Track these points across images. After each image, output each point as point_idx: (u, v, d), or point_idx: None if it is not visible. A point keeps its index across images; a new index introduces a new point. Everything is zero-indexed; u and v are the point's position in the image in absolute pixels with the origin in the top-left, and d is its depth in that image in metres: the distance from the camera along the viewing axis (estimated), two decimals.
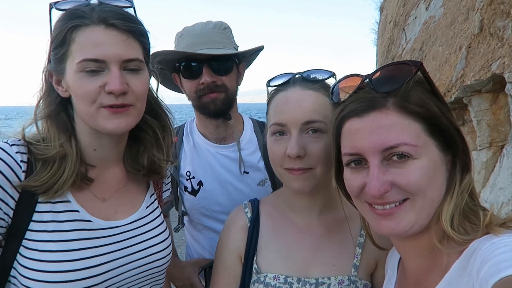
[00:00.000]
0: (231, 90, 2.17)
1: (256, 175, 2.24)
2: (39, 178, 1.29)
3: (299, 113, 1.41)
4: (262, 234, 1.60)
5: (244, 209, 1.68)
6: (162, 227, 1.60)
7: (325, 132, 1.42)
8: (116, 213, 1.48)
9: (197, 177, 2.23)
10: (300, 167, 1.42)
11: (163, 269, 1.57)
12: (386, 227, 1.07)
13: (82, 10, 1.29)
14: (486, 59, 3.19)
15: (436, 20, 5.02)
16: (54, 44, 1.31)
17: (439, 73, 4.26)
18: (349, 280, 1.48)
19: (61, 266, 1.27)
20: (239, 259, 1.60)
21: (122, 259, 1.41)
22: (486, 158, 3.42)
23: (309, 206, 1.59)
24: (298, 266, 1.51)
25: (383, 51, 9.64)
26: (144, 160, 1.56)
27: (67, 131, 1.38)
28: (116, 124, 1.34)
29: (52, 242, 1.28)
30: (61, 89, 1.37)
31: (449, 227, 1.00)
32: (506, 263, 0.81)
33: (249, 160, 2.24)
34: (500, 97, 3.29)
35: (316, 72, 1.52)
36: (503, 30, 3.02)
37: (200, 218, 2.27)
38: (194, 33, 2.14)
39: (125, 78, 1.32)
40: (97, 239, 1.37)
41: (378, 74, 1.09)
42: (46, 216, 1.31)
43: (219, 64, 2.09)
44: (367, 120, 1.05)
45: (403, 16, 7.46)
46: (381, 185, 1.01)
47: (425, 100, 1.04)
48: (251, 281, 1.52)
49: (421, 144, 1.01)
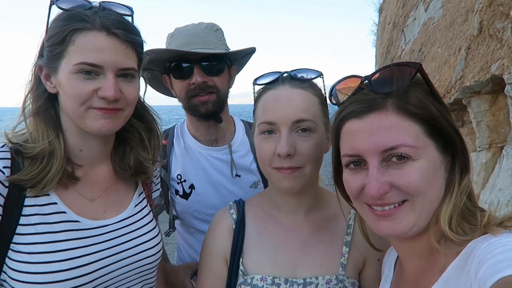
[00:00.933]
0: (223, 91, 2.14)
1: (249, 177, 2.23)
2: (28, 173, 1.31)
3: (289, 111, 1.41)
4: (248, 235, 1.59)
5: (229, 211, 1.67)
6: (151, 225, 1.61)
7: (314, 131, 1.42)
8: (105, 212, 1.50)
9: (189, 180, 2.21)
10: (290, 166, 1.41)
11: (153, 267, 1.58)
12: (385, 228, 1.07)
13: (85, 13, 1.32)
14: (486, 61, 3.19)
15: (435, 22, 5.03)
16: (51, 41, 1.32)
17: (439, 74, 4.26)
18: (337, 279, 1.47)
19: (50, 267, 1.28)
20: (225, 261, 1.58)
21: (111, 257, 1.42)
22: (486, 159, 3.42)
23: (296, 205, 1.58)
24: (286, 266, 1.50)
25: (382, 52, 9.65)
26: (131, 160, 1.59)
27: (55, 127, 1.40)
28: (103, 125, 1.37)
29: (41, 244, 1.30)
30: (49, 85, 1.39)
31: (447, 228, 1.00)
32: (505, 263, 0.81)
33: (242, 162, 2.23)
34: (499, 98, 3.29)
35: (303, 72, 1.52)
36: (502, 31, 3.03)
37: (193, 221, 2.24)
38: (186, 33, 2.12)
39: (119, 85, 1.36)
40: (85, 238, 1.38)
41: (377, 75, 1.09)
42: (33, 219, 1.32)
43: (211, 65, 2.07)
44: (366, 121, 1.05)
45: (402, 17, 7.48)
46: (380, 186, 1.01)
47: (424, 101, 1.04)
48: (237, 283, 1.51)
49: (420, 146, 1.01)
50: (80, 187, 1.47)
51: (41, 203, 1.35)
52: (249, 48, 2.23)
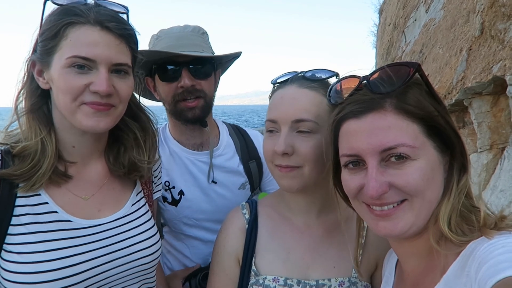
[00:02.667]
0: (209, 96, 2.11)
1: (237, 179, 2.22)
2: (19, 168, 1.30)
3: (290, 111, 1.41)
4: (260, 235, 1.59)
5: (242, 210, 1.66)
6: (149, 224, 1.59)
7: (315, 132, 1.41)
8: (99, 211, 1.48)
9: (178, 187, 2.16)
10: (288, 165, 1.42)
11: (152, 266, 1.57)
12: (384, 228, 1.06)
13: (80, 8, 1.31)
14: (487, 62, 3.18)
15: (436, 23, 5.02)
16: (44, 35, 1.31)
17: (440, 75, 4.26)
18: (350, 281, 1.47)
19: (40, 266, 1.27)
20: (237, 261, 1.58)
21: (105, 257, 1.40)
22: (487, 160, 3.41)
23: (307, 206, 1.58)
24: (298, 267, 1.50)
25: (382, 54, 9.65)
26: (125, 160, 1.57)
27: (47, 124, 1.39)
28: (96, 122, 1.35)
29: (32, 243, 1.29)
30: (41, 80, 1.37)
31: (446, 228, 1.00)
32: (505, 264, 0.81)
33: (229, 165, 2.22)
34: (501, 99, 3.29)
35: (318, 72, 1.51)
36: (504, 32, 3.02)
37: (182, 227, 2.21)
38: (172, 35, 2.09)
39: (112, 81, 1.35)
40: (76, 238, 1.37)
41: (376, 75, 1.09)
42: (24, 219, 1.31)
43: (199, 68, 2.04)
44: (365, 121, 1.05)
45: (402, 18, 7.47)
46: (379, 186, 1.01)
47: (423, 101, 1.04)
48: (249, 283, 1.51)
49: (419, 145, 1.01)
50: (73, 185, 1.46)
51: (32, 203, 1.34)
52: (236, 53, 2.23)
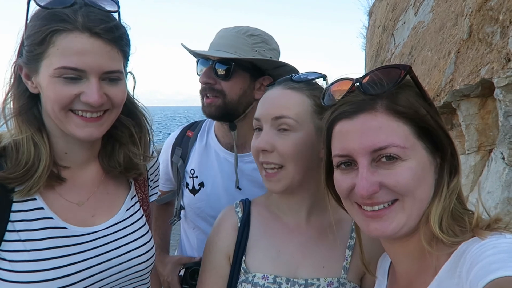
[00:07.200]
0: (230, 97, 2.04)
1: (260, 192, 2.15)
2: (13, 172, 1.25)
3: (270, 108, 1.48)
4: (252, 233, 1.59)
5: (235, 209, 1.67)
6: (143, 230, 1.56)
7: (294, 130, 1.44)
8: (93, 216, 1.43)
9: (200, 178, 2.21)
10: (268, 161, 1.47)
11: (145, 273, 1.54)
12: (375, 229, 1.07)
13: (65, 12, 1.21)
14: (475, 64, 3.22)
15: (425, 25, 5.07)
16: (30, 40, 1.23)
17: (428, 77, 4.29)
18: (338, 282, 1.47)
19: (33, 276, 1.22)
20: (228, 259, 1.58)
21: (100, 265, 1.36)
22: (475, 162, 3.45)
23: (296, 206, 1.59)
24: (287, 266, 1.51)
25: (371, 56, 9.71)
26: (120, 158, 1.51)
27: (39, 128, 1.33)
28: (89, 133, 1.31)
29: (25, 251, 1.24)
30: (30, 84, 1.30)
31: (437, 228, 1.01)
32: (496, 265, 0.82)
33: (256, 175, 2.12)
34: (488, 102, 3.32)
35: (306, 74, 1.57)
36: (491, 35, 3.06)
37: (194, 217, 2.25)
38: (218, 34, 2.14)
39: (103, 89, 1.28)
40: (71, 246, 1.33)
41: (368, 77, 1.10)
42: (18, 225, 1.26)
43: (222, 68, 2.03)
44: (356, 122, 1.06)
45: (392, 21, 7.53)
46: (370, 185, 1.02)
47: (414, 103, 1.05)
48: (239, 281, 1.51)
49: (409, 146, 1.02)
50: (67, 190, 1.40)
51: (27, 208, 1.29)
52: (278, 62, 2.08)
